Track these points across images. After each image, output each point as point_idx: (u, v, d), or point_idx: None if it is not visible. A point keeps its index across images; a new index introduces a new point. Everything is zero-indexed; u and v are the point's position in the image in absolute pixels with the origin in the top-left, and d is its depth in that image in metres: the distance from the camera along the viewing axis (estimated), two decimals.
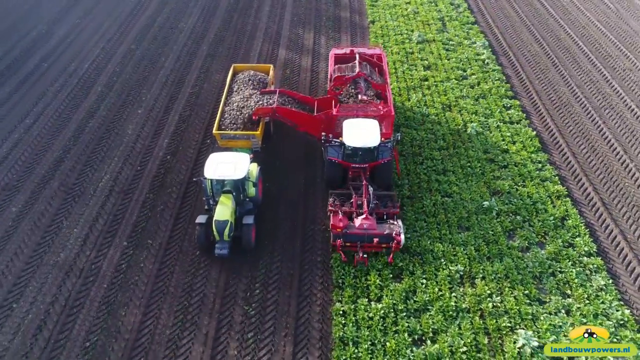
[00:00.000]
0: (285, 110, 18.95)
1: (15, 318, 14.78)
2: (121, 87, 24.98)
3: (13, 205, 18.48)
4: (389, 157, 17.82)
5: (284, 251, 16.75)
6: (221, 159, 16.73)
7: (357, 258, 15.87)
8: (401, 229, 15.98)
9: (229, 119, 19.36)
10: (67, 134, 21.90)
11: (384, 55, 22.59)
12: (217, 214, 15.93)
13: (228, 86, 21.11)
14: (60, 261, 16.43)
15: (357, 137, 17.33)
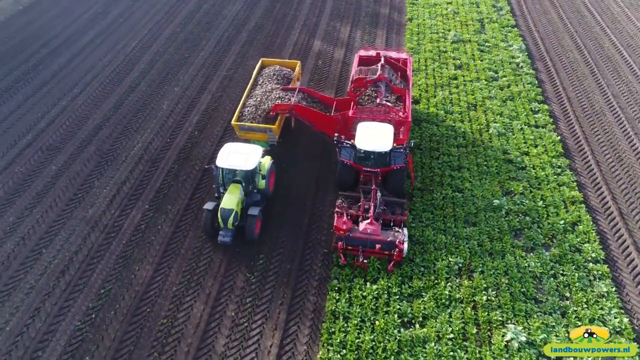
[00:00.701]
0: (303, 108, 18.95)
1: (43, 262, 16.37)
2: (162, 66, 26.58)
3: (54, 164, 20.26)
4: (403, 164, 17.43)
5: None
6: (234, 149, 17.07)
7: (356, 262, 15.77)
8: (405, 238, 15.72)
9: (248, 111, 19.74)
10: (108, 104, 23.63)
11: (410, 60, 22.30)
12: (224, 202, 16.31)
13: (253, 79, 21.57)
14: (87, 216, 17.96)
15: (368, 140, 17.14)
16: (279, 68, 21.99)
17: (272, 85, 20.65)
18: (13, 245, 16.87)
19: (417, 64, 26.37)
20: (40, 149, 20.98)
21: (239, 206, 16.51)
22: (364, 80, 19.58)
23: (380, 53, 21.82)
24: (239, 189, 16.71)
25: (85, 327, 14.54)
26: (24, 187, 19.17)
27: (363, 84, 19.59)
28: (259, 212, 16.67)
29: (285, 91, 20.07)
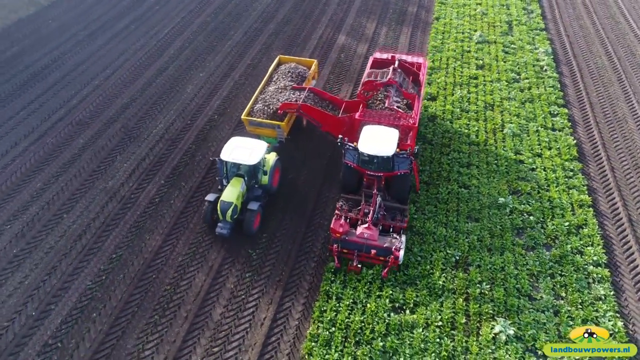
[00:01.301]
0: (310, 108, 18.67)
1: (63, 225, 17.59)
2: (190, 52, 27.69)
3: (81, 137, 21.59)
4: (407, 170, 17.01)
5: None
6: (239, 143, 17.18)
7: (350, 266, 15.58)
8: (402, 245, 15.40)
9: (259, 107, 19.86)
10: (137, 86, 24.87)
11: (425, 65, 21.75)
12: (224, 195, 16.54)
13: (269, 75, 21.69)
14: (107, 187, 19.10)
15: (371, 144, 16.72)
16: (295, 66, 22.12)
17: (285, 83, 20.77)
18: (38, 209, 18.17)
19: (438, 62, 26.48)
20: (71, 123, 22.37)
21: (239, 200, 16.71)
22: (373, 83, 19.33)
23: (395, 56, 21.50)
24: (241, 183, 16.89)
25: (95, 287, 15.59)
26: (52, 157, 20.54)
27: (373, 86, 19.33)
28: (258, 207, 16.82)
29: (296, 90, 20.09)
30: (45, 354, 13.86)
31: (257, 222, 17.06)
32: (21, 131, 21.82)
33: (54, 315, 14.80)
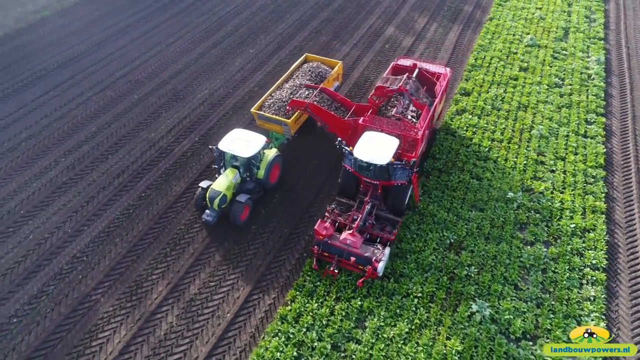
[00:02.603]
0: (317, 108, 17.99)
1: (106, 164, 20.08)
2: (246, 30, 29.72)
3: (136, 94, 24.19)
4: (405, 181, 16.47)
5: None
6: (239, 135, 17.31)
7: (327, 270, 15.41)
8: (384, 257, 15.11)
9: (272, 102, 19.89)
10: (191, 55, 27.24)
11: (447, 76, 20.48)
12: (215, 184, 16.89)
13: (290, 72, 21.68)
14: (149, 138, 21.43)
15: (366, 150, 16.07)
16: (317, 65, 21.99)
17: (303, 81, 20.71)
18: (89, 148, 20.83)
19: (481, 60, 26.54)
20: (130, 80, 25.08)
21: (230, 190, 16.93)
22: (385, 89, 18.35)
23: (417, 64, 20.54)
24: (235, 174, 17.12)
25: (122, 218, 17.81)
26: (109, 107, 23.26)
27: (384, 93, 18.45)
28: (246, 199, 16.95)
29: (308, 88, 20.13)
30: (72, 264, 16.20)
31: (245, 215, 17.22)
32: (88, 84, 24.81)
33: (84, 235, 17.17)
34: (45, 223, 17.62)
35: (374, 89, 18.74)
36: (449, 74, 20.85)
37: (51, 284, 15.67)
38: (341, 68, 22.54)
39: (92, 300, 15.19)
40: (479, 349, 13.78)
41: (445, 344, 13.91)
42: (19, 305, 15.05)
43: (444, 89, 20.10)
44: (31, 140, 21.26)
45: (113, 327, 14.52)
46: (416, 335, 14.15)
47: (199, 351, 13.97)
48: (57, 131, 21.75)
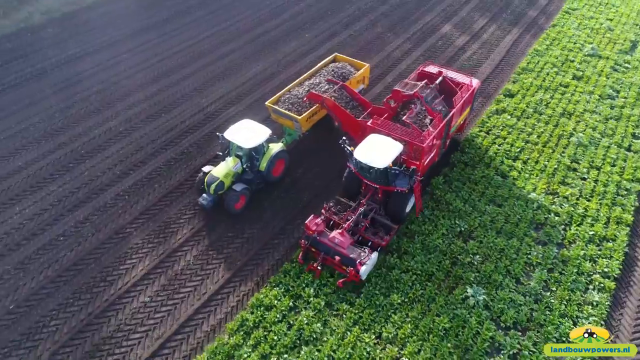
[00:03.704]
0: (333, 104, 17.81)
1: (159, 121, 22.29)
2: (306, 16, 31.13)
3: (198, 63, 26.39)
4: (405, 189, 16.26)
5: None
6: (247, 125, 17.58)
7: (310, 265, 15.57)
8: (370, 262, 15.07)
9: (287, 98, 19.94)
10: (252, 34, 29.07)
11: (471, 87, 19.33)
12: (214, 170, 17.35)
13: (316, 69, 21.56)
14: (201, 103, 23.41)
15: (366, 152, 15.98)
16: (342, 65, 21.76)
17: (323, 80, 20.56)
18: (147, 106, 23.19)
19: (533, 65, 26.13)
20: (194, 52, 27.35)
21: (228, 178, 17.27)
22: (400, 94, 17.95)
23: (443, 72, 19.60)
24: (236, 163, 17.47)
25: (164, 168, 19.90)
26: (172, 72, 25.61)
27: (399, 97, 18.11)
28: (242, 189, 17.21)
29: (329, 83, 20.15)
30: (115, 200, 18.42)
31: (241, 204, 17.47)
32: (155, 50, 27.37)
33: (130, 177, 19.43)
34: (100, 163, 20.03)
35: (391, 92, 18.50)
36: (476, 85, 19.74)
37: (95, 214, 17.92)
38: (368, 71, 22.11)
39: (126, 232, 17.23)
40: (465, 330, 14.19)
41: (433, 320, 14.44)
42: (67, 227, 17.41)
43: (466, 100, 18.94)
44: (100, 94, 23.98)
45: (139, 256, 16.44)
46: (407, 307, 14.79)
47: (208, 288, 15.53)
48: (123, 88, 24.35)
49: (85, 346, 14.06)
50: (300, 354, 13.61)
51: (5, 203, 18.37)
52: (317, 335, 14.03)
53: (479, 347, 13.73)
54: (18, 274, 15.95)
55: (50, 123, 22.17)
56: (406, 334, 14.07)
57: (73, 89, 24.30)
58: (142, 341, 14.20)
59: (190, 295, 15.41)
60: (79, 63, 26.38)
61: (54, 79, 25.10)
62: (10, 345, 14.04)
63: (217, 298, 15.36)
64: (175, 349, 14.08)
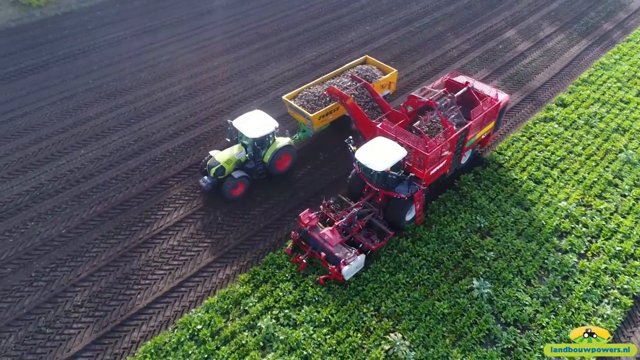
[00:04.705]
0: (351, 102, 17.70)
1: (215, 92, 24.11)
2: (369, 9, 31.90)
3: (257, 44, 28.07)
4: (404, 196, 16.01)
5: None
6: (256, 116, 17.95)
7: (296, 257, 15.76)
8: (355, 264, 14.93)
9: (305, 94, 20.10)
10: (305, 26, 30.19)
11: (496, 101, 18.32)
12: (217, 154, 17.80)
13: (344, 68, 21.64)
14: (254, 80, 24.98)
15: (367, 153, 15.90)
16: (368, 68, 21.56)
17: (346, 80, 20.62)
18: (206, 77, 25.15)
19: (595, 77, 25.14)
20: (256, 34, 29.11)
21: (230, 164, 17.68)
22: (416, 100, 17.56)
23: (470, 83, 18.71)
24: (240, 151, 17.89)
25: (212, 133, 21.57)
26: (233, 50, 27.47)
27: (415, 103, 17.75)
28: (240, 177, 17.60)
29: (352, 80, 20.21)
30: (164, 156, 20.36)
31: (239, 191, 17.95)
32: (221, 30, 29.42)
33: (180, 138, 21.37)
34: (157, 122, 22.17)
35: (408, 97, 18.14)
36: (504, 100, 18.79)
37: (145, 165, 19.97)
38: (395, 77, 21.68)
39: (168, 184, 19.06)
40: (463, 318, 14.43)
41: (433, 303, 14.81)
42: (120, 173, 19.59)
43: (487, 114, 17.99)
44: (167, 63, 26.34)
45: (176, 206, 18.18)
46: (410, 288, 15.26)
47: (229, 242, 16.96)
48: (187, 60, 26.57)
49: (117, 273, 15.92)
50: (301, 312, 14.56)
51: (73, 146, 20.93)
52: (319, 298, 14.90)
53: (473, 336, 13.94)
54: (73, 205, 18.25)
55: (121, 83, 24.73)
56: (404, 311, 14.58)
57: (145, 57, 26.84)
58: (164, 277, 15.84)
59: (213, 245, 16.87)
60: (153, 35, 28.98)
61: (130, 46, 27.81)
62: (57, 262, 16.23)
63: (236, 252, 16.69)
64: (191, 288, 15.57)
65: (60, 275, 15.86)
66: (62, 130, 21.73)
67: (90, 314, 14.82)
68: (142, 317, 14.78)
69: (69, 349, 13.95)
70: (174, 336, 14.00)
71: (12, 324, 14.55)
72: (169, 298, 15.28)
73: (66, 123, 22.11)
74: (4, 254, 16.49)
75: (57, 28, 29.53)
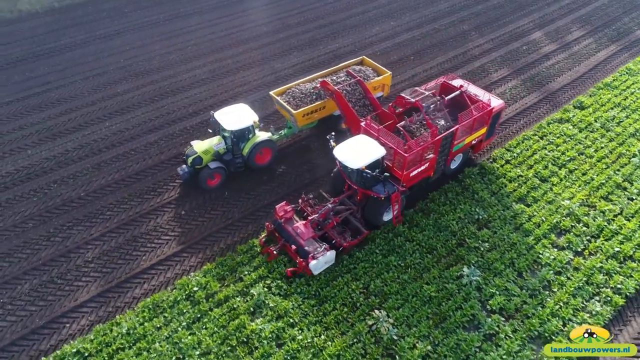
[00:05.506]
0: (341, 98, 17.94)
1: (237, 76, 25.05)
2: (397, 6, 32.25)
3: (282, 34, 28.90)
4: (381, 195, 15.97)
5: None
6: (238, 109, 18.19)
7: (267, 247, 15.91)
8: (323, 259, 14.98)
9: (293, 91, 20.11)
10: (331, 19, 30.92)
11: (488, 107, 17.76)
12: (196, 144, 18.17)
13: (336, 68, 21.44)
14: (274, 67, 25.80)
15: (345, 150, 15.88)
16: (360, 70, 21.34)
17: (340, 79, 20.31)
18: (230, 62, 26.14)
19: (619, 82, 24.68)
20: (282, 24, 30.06)
21: (207, 155, 18.04)
22: (403, 100, 17.40)
23: (464, 87, 18.41)
24: (219, 142, 18.20)
25: None
26: (258, 38, 28.41)
27: (402, 103, 17.60)
28: (216, 167, 17.94)
29: (348, 75, 20.11)
30: (184, 131, 21.39)
31: (215, 182, 18.31)
32: (250, 18, 30.37)
33: (198, 117, 22.32)
34: (178, 102, 23.33)
35: (396, 97, 18.01)
36: (498, 106, 18.32)
37: (163, 140, 21.14)
38: (389, 79, 21.43)
39: (182, 159, 20.05)
40: (449, 302, 14.70)
41: (422, 286, 15.15)
42: (139, 145, 20.84)
43: (478, 119, 17.50)
44: (195, 47, 27.62)
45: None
46: (401, 270, 15.65)
47: (233, 215, 17.78)
48: (214, 45, 27.76)
49: (127, 235, 17.03)
50: (292, 285, 15.20)
51: (99, 118, 22.33)
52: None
53: (457, 319, 14.21)
54: (94, 172, 19.56)
55: (150, 63, 26.08)
56: (392, 291, 15.00)
57: (174, 40, 28.17)
58: (169, 242, 16.83)
59: (218, 217, 17.76)
60: (184, 20, 30.34)
61: (163, 30, 29.26)
62: (74, 221, 17.50)
63: (239, 224, 17.52)
64: (193, 254, 16.50)
65: (76, 233, 17.09)
66: (91, 103, 23.19)
67: (98, 269, 15.95)
68: (144, 277, 15.80)
69: (76, 299, 15.10)
70: (172, 295, 14.93)
71: (28, 272, 15.85)
72: (171, 261, 16.25)
73: (95, 97, 23.57)
74: (28, 211, 17.89)
75: (96, 10, 31.32)
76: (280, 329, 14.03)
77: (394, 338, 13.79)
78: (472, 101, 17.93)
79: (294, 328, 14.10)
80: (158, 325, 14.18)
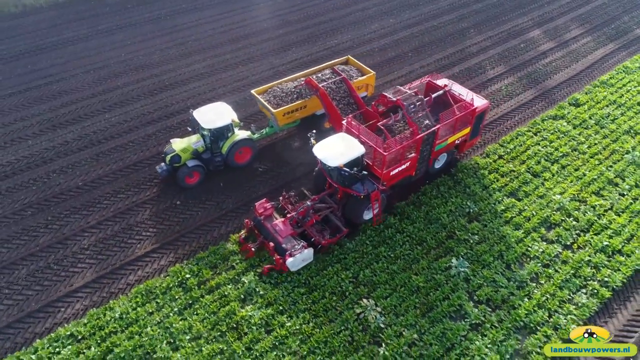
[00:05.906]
0: (325, 96, 17.92)
1: (244, 68, 25.36)
2: (398, 3, 32.42)
3: (282, 29, 29.17)
4: (360, 193, 15.95)
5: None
6: (217, 108, 18.21)
7: (246, 244, 15.96)
8: (300, 256, 15.05)
9: (274, 89, 20.22)
10: (331, 15, 31.11)
11: (471, 107, 17.61)
12: (176, 142, 18.23)
13: (319, 67, 21.36)
14: (274, 63, 26.08)
15: (324, 148, 15.86)
16: (344, 69, 21.32)
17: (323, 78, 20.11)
18: (239, 54, 26.42)
19: (615, 80, 24.76)
20: (281, 21, 30.30)
21: (186, 153, 18.07)
22: (385, 99, 17.30)
23: (448, 86, 18.32)
24: (197, 140, 18.26)
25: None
26: (258, 34, 28.71)
27: (384, 102, 17.53)
28: (193, 165, 17.96)
29: (333, 73, 20.00)
30: (181, 124, 21.72)
31: (193, 180, 18.36)
32: (262, 11, 30.68)
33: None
34: (176, 95, 23.67)
35: (379, 96, 17.94)
36: (482, 106, 18.30)
37: (161, 132, 21.48)
38: (372, 79, 21.50)
39: None
40: (437, 292, 14.93)
41: (410, 277, 15.38)
42: (137, 137, 21.21)
43: (460, 118, 17.40)
44: (195, 42, 27.93)
45: None
46: (390, 261, 15.88)
47: (228, 206, 18.08)
48: (215, 41, 28.09)
49: (122, 224, 17.37)
50: (282, 274, 15.46)
51: (99, 110, 22.70)
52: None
53: (444, 309, 14.43)
54: (92, 162, 19.92)
55: (150, 58, 26.44)
56: (380, 281, 15.24)
57: (175, 35, 28.53)
58: (164, 231, 17.16)
59: (214, 207, 18.06)
60: (185, 16, 30.70)
61: (164, 25, 29.62)
62: (71, 210, 17.87)
63: (232, 214, 17.82)
64: (187, 243, 16.81)
65: (73, 221, 17.45)
66: (91, 96, 23.57)
67: (94, 256, 16.30)
68: (138, 264, 16.13)
69: (72, 285, 15.45)
70: (165, 282, 15.24)
71: (26, 258, 16.21)
72: (165, 249, 16.56)
73: (96, 90, 23.95)
74: (27, 199, 18.28)
75: (100, 5, 31.74)
76: (269, 315, 14.30)
77: (381, 326, 14.04)
78: (455, 101, 17.83)
79: (283, 315, 14.37)
80: (150, 310, 14.50)
